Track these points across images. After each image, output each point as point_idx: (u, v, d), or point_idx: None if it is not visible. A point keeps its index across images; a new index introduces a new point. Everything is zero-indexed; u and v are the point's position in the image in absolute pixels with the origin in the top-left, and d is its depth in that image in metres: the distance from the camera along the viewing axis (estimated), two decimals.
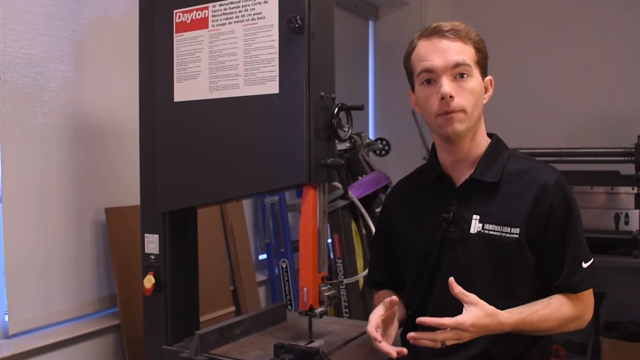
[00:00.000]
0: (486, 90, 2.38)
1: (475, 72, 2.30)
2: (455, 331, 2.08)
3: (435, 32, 2.30)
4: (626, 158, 5.11)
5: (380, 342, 2.16)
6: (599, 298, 5.34)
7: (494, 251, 2.27)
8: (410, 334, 2.10)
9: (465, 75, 2.26)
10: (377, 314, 2.25)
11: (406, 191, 2.64)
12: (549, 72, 6.20)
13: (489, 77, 2.39)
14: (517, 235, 2.24)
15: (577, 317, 2.27)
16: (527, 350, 2.32)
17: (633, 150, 5.04)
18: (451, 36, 2.27)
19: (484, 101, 2.36)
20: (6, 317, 3.22)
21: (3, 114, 3.18)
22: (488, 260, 2.27)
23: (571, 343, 5.50)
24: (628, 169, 5.16)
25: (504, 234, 2.25)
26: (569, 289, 2.25)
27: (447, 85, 2.23)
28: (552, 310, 2.22)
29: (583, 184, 5.15)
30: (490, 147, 2.39)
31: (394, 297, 2.22)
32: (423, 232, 2.44)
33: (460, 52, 2.27)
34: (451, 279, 2.12)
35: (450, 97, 2.22)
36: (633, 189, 5.02)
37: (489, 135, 2.45)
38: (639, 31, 5.86)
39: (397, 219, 2.60)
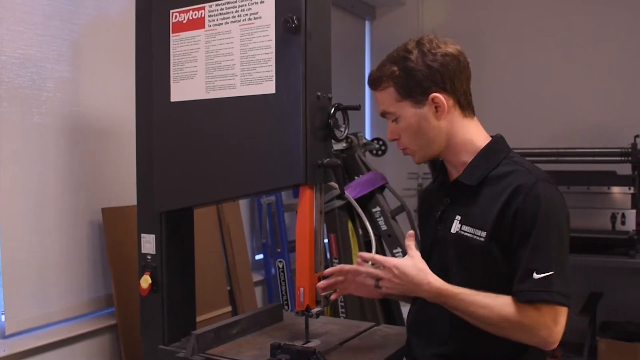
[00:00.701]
0: (427, 115, 2.32)
1: (404, 109, 2.33)
2: (383, 271, 2.22)
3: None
4: (623, 158, 5.12)
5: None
6: (595, 298, 5.39)
7: (465, 253, 2.28)
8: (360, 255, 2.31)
9: (395, 120, 2.36)
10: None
11: (430, 189, 2.68)
12: (546, 73, 6.21)
13: (431, 96, 2.30)
14: (482, 239, 2.22)
15: (527, 326, 2.12)
16: (523, 350, 2.31)
17: (630, 150, 5.05)
18: (372, 87, 2.40)
19: (438, 120, 2.32)
20: (3, 317, 3.21)
21: (0, 114, 3.18)
22: (459, 260, 2.28)
23: (568, 343, 5.50)
24: (625, 169, 5.17)
25: (474, 237, 2.24)
26: (517, 295, 2.14)
27: (389, 132, 2.42)
28: (494, 303, 2.14)
29: (580, 184, 5.17)
30: (484, 150, 2.36)
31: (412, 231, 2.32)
32: (427, 228, 2.50)
33: (382, 101, 2.38)
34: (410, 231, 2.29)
35: (394, 139, 2.40)
36: (629, 189, 5.03)
37: (492, 136, 2.44)
38: (636, 32, 5.87)
39: (421, 215, 2.66)
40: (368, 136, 6.23)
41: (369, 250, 3.06)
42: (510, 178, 2.25)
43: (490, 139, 2.41)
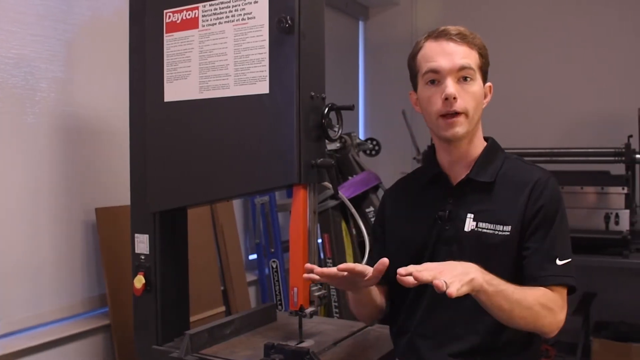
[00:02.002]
0: (485, 96, 2.41)
1: (478, 77, 2.33)
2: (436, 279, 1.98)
3: (443, 35, 2.33)
4: (616, 158, 5.11)
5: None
6: (589, 298, 5.40)
7: (486, 249, 2.28)
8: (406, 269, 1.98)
9: (468, 79, 2.30)
10: (362, 266, 2.21)
11: (403, 189, 2.66)
12: (540, 73, 6.21)
13: (488, 84, 2.42)
14: (508, 233, 2.27)
15: (550, 308, 2.18)
16: (528, 342, 2.34)
17: (623, 150, 5.05)
18: (458, 40, 2.31)
19: (483, 106, 2.39)
20: None
21: None
22: (479, 257, 2.27)
23: (561, 343, 5.51)
24: (618, 169, 5.17)
25: (496, 232, 2.28)
26: (537, 280, 2.22)
27: (451, 86, 2.26)
28: (524, 289, 2.16)
29: (574, 184, 5.16)
30: (487, 149, 2.43)
31: (386, 260, 2.13)
32: (418, 228, 2.45)
33: (466, 55, 2.31)
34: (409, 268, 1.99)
35: (454, 98, 2.26)
36: (623, 189, 5.02)
37: (486, 138, 2.48)
38: (630, 32, 5.88)
39: (393, 215, 2.61)
40: (362, 136, 6.25)
41: (363, 250, 3.05)
42: (524, 174, 2.36)
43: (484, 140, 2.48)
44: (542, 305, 2.17)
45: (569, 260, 2.26)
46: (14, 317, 3.25)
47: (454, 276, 1.96)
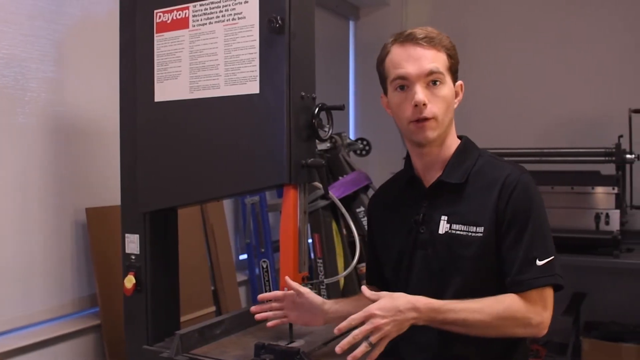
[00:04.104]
0: (456, 95, 2.40)
1: (447, 79, 2.32)
2: (368, 322, 2.07)
3: (409, 39, 2.32)
4: (607, 158, 5.13)
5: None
6: (579, 298, 5.41)
7: (460, 250, 2.28)
8: (337, 349, 2.11)
9: (438, 83, 2.29)
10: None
11: (385, 195, 2.68)
12: (529, 73, 6.22)
13: (459, 82, 2.41)
14: (480, 234, 2.26)
15: (520, 318, 2.17)
16: (514, 348, 2.34)
17: (613, 150, 5.06)
18: (424, 44, 2.30)
19: (454, 106, 2.39)
20: None
21: None
22: (454, 259, 2.28)
23: (551, 343, 5.53)
24: (608, 169, 5.19)
25: (470, 234, 2.28)
26: (518, 286, 2.20)
27: (420, 93, 2.26)
28: (483, 305, 2.16)
29: (564, 184, 5.16)
30: (458, 150, 2.42)
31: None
32: (398, 234, 2.47)
33: (433, 59, 2.29)
34: (363, 287, 2.18)
35: (424, 104, 2.25)
36: (613, 189, 5.04)
37: (459, 137, 2.48)
38: (621, 32, 5.89)
39: (378, 222, 2.64)
40: (352, 136, 6.25)
41: (353, 250, 3.06)
42: (494, 173, 2.32)
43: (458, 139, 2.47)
44: (504, 319, 2.16)
45: (551, 258, 2.22)
46: (3, 317, 3.25)
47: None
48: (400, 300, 2.12)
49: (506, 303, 2.16)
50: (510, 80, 6.23)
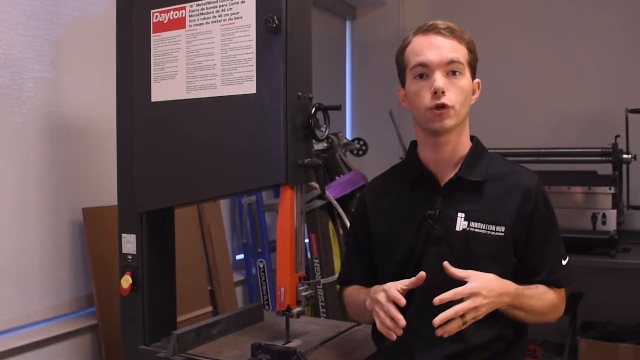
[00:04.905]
0: (474, 92, 2.41)
1: (467, 72, 2.33)
2: (471, 300, 2.09)
3: (432, 29, 2.33)
4: (603, 158, 5.13)
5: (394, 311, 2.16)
6: (576, 298, 5.41)
7: (479, 248, 2.29)
8: (436, 320, 2.07)
9: (457, 73, 2.29)
10: (400, 284, 2.22)
11: (384, 189, 2.61)
12: (527, 73, 6.21)
13: (477, 80, 2.43)
14: (502, 234, 2.28)
15: (557, 306, 2.39)
16: (517, 338, 2.38)
17: (610, 150, 5.06)
18: (447, 34, 2.31)
19: (471, 102, 2.39)
20: None
21: None
22: (472, 257, 2.28)
23: (548, 343, 5.53)
24: (605, 169, 5.18)
25: (489, 232, 2.29)
26: (554, 284, 2.36)
27: (440, 80, 2.25)
28: (540, 292, 2.32)
29: (560, 183, 5.16)
30: (473, 148, 2.42)
31: (423, 273, 2.18)
32: (406, 229, 2.42)
33: (455, 49, 2.30)
34: (445, 262, 2.17)
35: (443, 92, 2.25)
36: (610, 189, 5.03)
37: (470, 137, 2.47)
38: (616, 31, 5.88)
39: (376, 217, 2.56)
40: (349, 136, 6.24)
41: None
42: (516, 176, 2.39)
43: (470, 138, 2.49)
44: (554, 306, 2.38)
45: (568, 258, 2.41)
46: (0, 317, 3.24)
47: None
48: (497, 283, 2.19)
49: (551, 293, 2.36)
50: (507, 79, 6.21)
